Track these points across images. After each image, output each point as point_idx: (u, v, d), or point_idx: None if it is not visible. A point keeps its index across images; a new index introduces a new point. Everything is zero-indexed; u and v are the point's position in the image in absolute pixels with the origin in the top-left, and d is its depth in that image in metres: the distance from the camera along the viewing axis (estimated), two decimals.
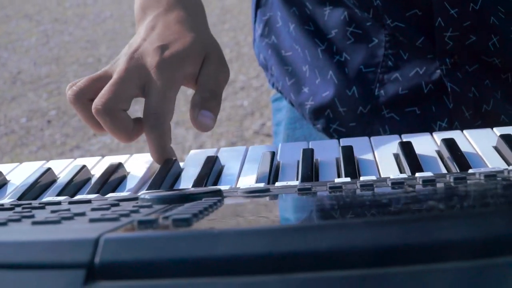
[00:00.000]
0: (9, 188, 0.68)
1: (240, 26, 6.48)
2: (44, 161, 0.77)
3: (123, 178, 0.69)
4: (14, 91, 4.84)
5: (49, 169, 0.69)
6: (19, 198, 0.61)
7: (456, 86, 0.92)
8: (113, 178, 0.66)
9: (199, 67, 0.78)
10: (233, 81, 4.81)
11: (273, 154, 0.68)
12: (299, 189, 0.49)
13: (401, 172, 0.61)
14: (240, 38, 6.03)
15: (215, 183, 0.65)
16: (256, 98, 4.44)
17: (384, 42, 0.94)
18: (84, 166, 0.69)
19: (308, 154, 0.65)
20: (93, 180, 0.68)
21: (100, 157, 0.76)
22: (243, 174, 0.67)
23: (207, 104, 0.75)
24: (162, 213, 0.40)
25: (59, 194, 0.61)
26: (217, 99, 0.77)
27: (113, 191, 0.65)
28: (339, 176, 0.62)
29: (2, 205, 0.50)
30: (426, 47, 0.92)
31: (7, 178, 0.71)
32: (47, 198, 0.56)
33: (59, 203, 0.50)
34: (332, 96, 0.97)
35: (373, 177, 0.54)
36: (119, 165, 0.70)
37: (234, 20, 6.74)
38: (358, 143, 0.70)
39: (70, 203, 0.50)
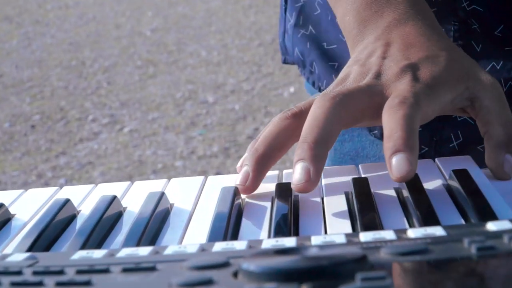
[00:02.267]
0: (14, 226, 0.53)
1: (226, 28, 6.33)
2: (56, 188, 0.61)
3: (166, 214, 0.53)
4: None
5: (67, 201, 0.53)
6: (31, 247, 0.45)
7: None
8: (157, 212, 0.51)
9: (457, 94, 0.63)
10: (223, 84, 4.67)
11: (367, 182, 0.53)
12: (481, 248, 0.33)
13: None
14: (227, 40, 5.89)
15: (296, 227, 0.50)
16: (247, 102, 4.30)
17: (453, 31, 0.80)
18: (114, 197, 0.53)
19: (418, 183, 0.50)
20: (126, 215, 0.53)
21: (129, 183, 0.60)
22: (331, 215, 0.51)
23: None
24: None
25: (85, 243, 0.45)
26: None
27: (157, 235, 0.49)
28: (464, 217, 0.47)
29: (20, 272, 0.33)
30: (505, 37, 0.79)
31: (11, 210, 0.56)
32: (79, 253, 0.40)
33: (107, 270, 0.34)
34: None
35: None
36: (162, 196, 0.54)
37: (220, 22, 6.60)
38: (465, 165, 0.55)
39: (125, 270, 0.34)
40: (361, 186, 0.53)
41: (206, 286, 0.31)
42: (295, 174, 0.54)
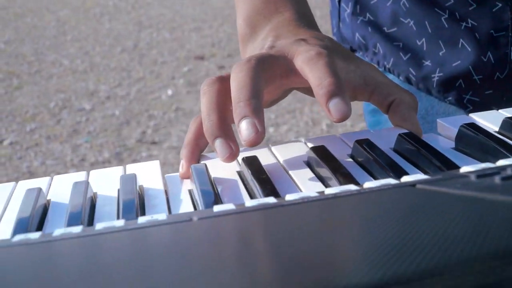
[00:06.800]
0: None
1: (83, 36, 6.21)
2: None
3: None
4: None
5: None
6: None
7: None
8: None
9: (350, 67, 0.69)
10: (96, 91, 4.57)
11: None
12: None
13: None
14: (88, 48, 5.77)
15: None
16: (127, 107, 4.24)
17: (510, 6, 0.89)
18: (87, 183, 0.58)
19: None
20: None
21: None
22: None
23: None
24: None
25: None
26: None
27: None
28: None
29: None
30: None
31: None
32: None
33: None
34: (466, 65, 0.92)
35: None
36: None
37: (75, 31, 6.46)
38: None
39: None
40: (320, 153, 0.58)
41: None
42: (243, 131, 0.57)
